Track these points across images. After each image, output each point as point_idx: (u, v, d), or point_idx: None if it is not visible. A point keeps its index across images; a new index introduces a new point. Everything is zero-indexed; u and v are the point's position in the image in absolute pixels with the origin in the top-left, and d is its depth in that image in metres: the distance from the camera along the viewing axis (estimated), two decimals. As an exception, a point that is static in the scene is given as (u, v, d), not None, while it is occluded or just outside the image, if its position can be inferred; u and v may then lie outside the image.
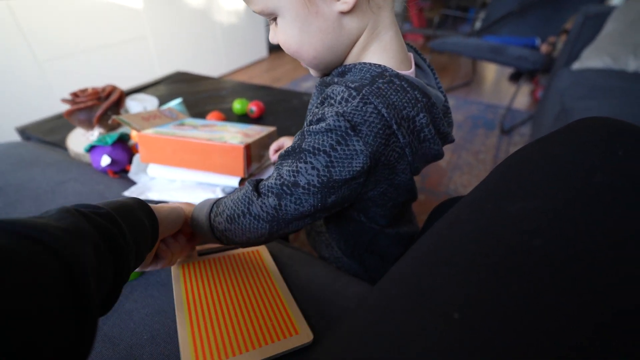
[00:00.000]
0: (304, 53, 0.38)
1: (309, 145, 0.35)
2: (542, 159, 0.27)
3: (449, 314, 0.19)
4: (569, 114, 1.16)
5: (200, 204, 0.45)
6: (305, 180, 0.35)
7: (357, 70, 0.37)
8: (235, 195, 0.41)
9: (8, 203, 0.60)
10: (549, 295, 0.19)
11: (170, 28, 2.22)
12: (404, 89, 0.35)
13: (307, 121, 0.39)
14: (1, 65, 1.46)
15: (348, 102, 0.34)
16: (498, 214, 0.25)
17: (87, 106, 0.86)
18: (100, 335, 0.40)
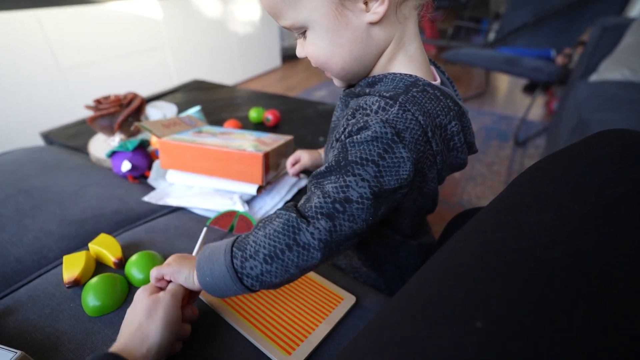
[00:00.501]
0: (333, 64, 0.38)
1: (355, 157, 0.33)
2: (558, 172, 0.28)
3: (472, 323, 0.19)
4: (587, 126, 1.14)
5: (205, 260, 0.36)
6: (357, 194, 0.32)
7: (388, 80, 0.38)
8: (269, 228, 0.34)
9: (34, 205, 0.62)
10: (569, 306, 0.19)
11: (187, 38, 2.28)
12: (437, 98, 0.36)
13: (339, 133, 0.38)
14: (27, 73, 1.52)
15: (386, 111, 0.35)
16: (517, 226, 0.25)
17: (110, 113, 0.88)
18: (122, 339, 0.40)
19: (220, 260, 0.34)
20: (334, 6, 0.34)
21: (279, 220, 0.34)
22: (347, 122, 0.38)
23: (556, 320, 0.18)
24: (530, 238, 0.23)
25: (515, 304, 0.20)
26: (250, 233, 0.35)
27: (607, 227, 0.22)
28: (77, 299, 0.45)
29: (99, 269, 0.50)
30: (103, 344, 0.40)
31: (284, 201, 0.70)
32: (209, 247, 0.37)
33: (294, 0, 0.35)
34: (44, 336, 0.40)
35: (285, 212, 0.34)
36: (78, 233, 0.59)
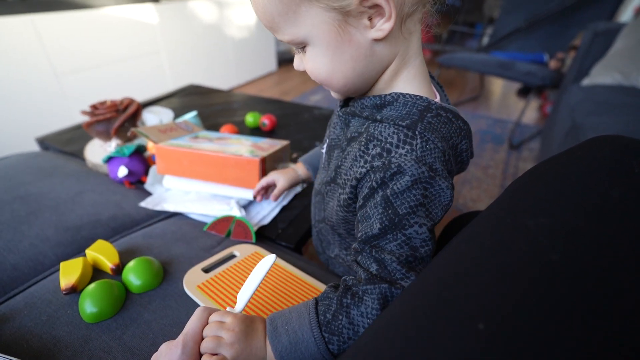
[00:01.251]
0: (335, 81, 0.37)
1: (405, 209, 0.33)
2: (555, 177, 0.28)
3: (474, 324, 0.20)
4: (580, 130, 1.16)
5: (290, 351, 0.33)
6: (420, 241, 0.34)
7: (399, 104, 0.36)
8: (363, 308, 0.33)
9: (30, 212, 0.62)
10: (569, 308, 0.19)
11: (183, 42, 2.29)
12: (450, 120, 0.36)
13: (358, 174, 0.37)
14: (22, 78, 1.51)
15: (410, 144, 0.34)
16: (516, 229, 0.26)
17: (106, 118, 0.88)
18: (120, 345, 0.40)
19: (311, 350, 0.33)
20: (337, 23, 0.32)
21: (370, 297, 0.33)
22: (364, 156, 0.36)
23: (556, 322, 0.19)
24: (529, 241, 0.23)
25: (516, 306, 0.20)
26: (338, 312, 0.34)
27: (605, 231, 0.22)
28: (74, 305, 0.45)
29: (96, 275, 0.50)
30: (100, 350, 0.40)
31: (281, 206, 0.71)
32: (286, 335, 0.34)
33: (293, 16, 0.33)
34: (41, 343, 0.40)
35: (372, 287, 0.33)
36: (74, 239, 0.59)
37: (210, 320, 0.35)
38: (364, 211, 0.36)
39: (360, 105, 0.39)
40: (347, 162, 0.39)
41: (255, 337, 0.34)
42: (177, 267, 0.52)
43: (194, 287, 0.48)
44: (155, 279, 0.49)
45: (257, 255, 0.55)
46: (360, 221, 0.37)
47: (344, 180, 0.40)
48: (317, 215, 0.51)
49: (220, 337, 0.33)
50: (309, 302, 0.36)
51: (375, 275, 0.34)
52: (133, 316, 0.44)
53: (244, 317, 0.35)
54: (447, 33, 3.32)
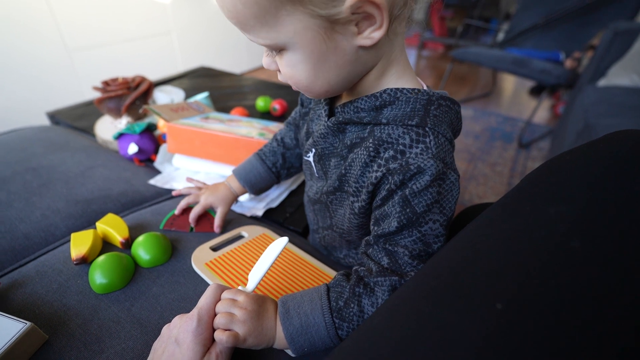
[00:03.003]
0: (316, 88, 0.34)
1: (422, 207, 0.33)
2: (577, 168, 0.28)
3: (491, 304, 0.20)
4: (593, 131, 1.14)
5: (300, 334, 0.34)
6: (433, 237, 0.34)
7: (401, 102, 0.35)
8: (374, 299, 0.34)
9: (41, 184, 0.62)
10: (588, 292, 0.19)
11: (194, 24, 2.27)
12: (450, 107, 0.36)
13: (373, 178, 0.36)
14: (34, 52, 1.51)
15: (423, 142, 0.33)
16: (536, 216, 0.25)
17: (117, 95, 0.88)
18: (129, 316, 0.41)
19: (321, 334, 0.34)
20: (322, 30, 0.29)
21: (381, 289, 0.34)
22: (376, 160, 0.36)
23: (576, 306, 0.19)
24: (549, 228, 0.23)
25: (535, 288, 0.20)
26: (350, 300, 0.34)
27: (627, 223, 0.22)
28: (84, 276, 0.46)
29: (105, 248, 0.51)
30: (110, 320, 0.40)
31: (289, 190, 0.71)
32: (297, 317, 0.35)
33: (271, 20, 0.29)
34: (52, 310, 0.41)
35: (383, 279, 0.34)
36: (85, 212, 0.59)
37: (223, 297, 0.35)
38: (382, 210, 0.36)
39: (354, 109, 0.37)
40: (355, 169, 0.38)
41: (266, 316, 0.35)
42: (185, 245, 0.52)
43: (202, 264, 0.48)
44: (164, 255, 0.49)
45: (265, 237, 0.55)
46: (379, 219, 0.36)
47: (357, 187, 0.38)
48: (322, 223, 0.50)
49: (233, 314, 0.33)
50: (320, 288, 0.37)
51: (386, 268, 0.35)
52: (142, 289, 0.45)
53: (256, 296, 0.36)
54: (462, 27, 3.25)
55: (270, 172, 0.57)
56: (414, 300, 0.25)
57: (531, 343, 0.18)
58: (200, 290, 0.45)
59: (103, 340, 0.38)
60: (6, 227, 0.53)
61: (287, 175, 0.60)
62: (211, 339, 0.33)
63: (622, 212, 0.23)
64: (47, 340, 0.38)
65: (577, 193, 0.26)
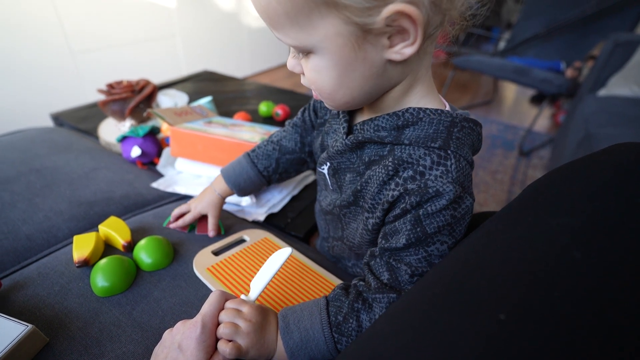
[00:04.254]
0: (338, 97, 0.34)
1: (433, 228, 0.33)
2: (579, 179, 0.28)
3: (494, 314, 0.20)
4: (593, 141, 1.15)
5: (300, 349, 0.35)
6: (439, 258, 0.34)
7: (424, 123, 0.34)
8: (372, 315, 0.34)
9: (45, 185, 0.62)
10: (590, 304, 0.20)
11: (199, 28, 2.28)
12: (472, 129, 0.36)
13: (389, 196, 0.35)
14: (39, 54, 1.52)
15: (444, 165, 0.33)
16: (538, 226, 0.26)
17: (122, 98, 0.89)
18: (130, 320, 0.41)
19: (321, 348, 0.35)
20: (354, 38, 0.28)
21: (379, 305, 0.34)
22: (395, 179, 0.35)
23: (578, 317, 0.19)
24: (551, 239, 0.24)
25: (537, 298, 0.20)
26: (349, 315, 0.35)
27: (628, 235, 0.22)
28: (86, 278, 0.46)
29: (107, 251, 0.51)
30: (111, 323, 0.40)
31: (291, 195, 0.71)
32: (297, 332, 0.35)
33: (303, 21, 0.28)
34: (53, 312, 0.41)
35: (381, 296, 0.34)
36: (87, 214, 0.59)
37: (227, 307, 0.35)
38: (392, 226, 0.35)
39: (374, 127, 0.36)
40: (372, 186, 0.38)
41: (268, 330, 0.35)
42: (187, 248, 0.53)
43: (204, 269, 0.48)
44: (165, 258, 0.49)
45: (267, 241, 0.55)
46: (387, 234, 0.36)
47: (372, 204, 0.38)
48: (333, 233, 0.50)
49: (237, 325, 0.34)
50: (320, 302, 0.37)
51: (385, 284, 0.35)
52: (143, 293, 0.45)
53: (259, 308, 0.36)
54: (463, 35, 3.28)
55: (261, 176, 0.55)
56: (417, 307, 0.25)
57: (532, 352, 0.18)
58: (202, 295, 0.45)
59: (103, 343, 0.38)
60: (9, 227, 0.53)
61: (278, 180, 0.58)
62: (214, 346, 0.33)
63: (623, 224, 0.23)
64: (48, 342, 0.38)
65: (579, 204, 0.26)
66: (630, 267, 0.21)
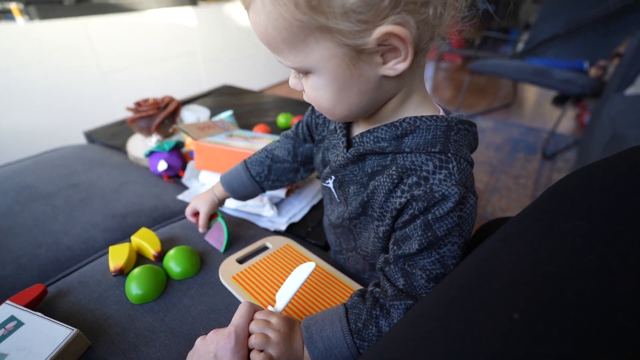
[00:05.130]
0: (337, 111, 0.36)
1: (443, 231, 0.34)
2: (595, 184, 0.28)
3: (509, 314, 0.21)
4: (622, 141, 1.11)
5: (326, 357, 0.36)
6: (451, 258, 0.36)
7: (422, 131, 0.36)
8: (390, 320, 0.36)
9: (81, 199, 0.67)
10: (603, 304, 0.20)
11: (218, 44, 2.37)
12: (468, 130, 0.37)
13: (396, 203, 0.37)
14: (73, 76, 1.63)
15: (447, 169, 0.35)
16: (553, 230, 0.26)
17: (148, 115, 0.94)
18: (162, 326, 0.43)
19: (345, 354, 0.36)
20: (348, 58, 0.30)
21: (397, 311, 0.36)
22: (400, 187, 0.36)
23: (590, 317, 0.20)
24: (565, 242, 0.24)
25: (551, 299, 0.21)
26: (368, 322, 0.36)
27: None
28: (121, 286, 0.49)
29: (139, 261, 0.54)
30: (145, 329, 0.43)
31: (310, 205, 0.73)
32: (321, 341, 0.36)
33: (300, 45, 0.30)
34: (93, 318, 0.44)
35: (398, 302, 0.36)
36: (120, 226, 0.63)
37: (256, 318, 0.37)
38: (403, 232, 0.37)
39: (373, 139, 0.38)
40: (379, 196, 0.39)
41: (295, 339, 0.37)
42: (213, 257, 0.55)
43: (229, 277, 0.50)
44: (194, 267, 0.52)
45: (289, 247, 0.57)
46: (399, 240, 0.37)
47: (381, 213, 0.39)
48: (345, 244, 0.51)
49: (267, 336, 0.35)
50: (339, 310, 0.38)
51: (401, 290, 0.36)
52: (173, 301, 0.47)
53: (287, 319, 0.38)
54: (479, 39, 3.24)
55: (254, 181, 0.57)
56: (433, 311, 0.26)
57: (546, 352, 0.18)
58: (228, 302, 0.47)
59: (140, 348, 0.41)
60: (52, 239, 0.58)
61: (272, 187, 0.60)
62: (247, 356, 0.35)
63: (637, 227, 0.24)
64: (90, 346, 0.40)
65: (593, 208, 0.26)
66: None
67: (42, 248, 0.56)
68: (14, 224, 0.60)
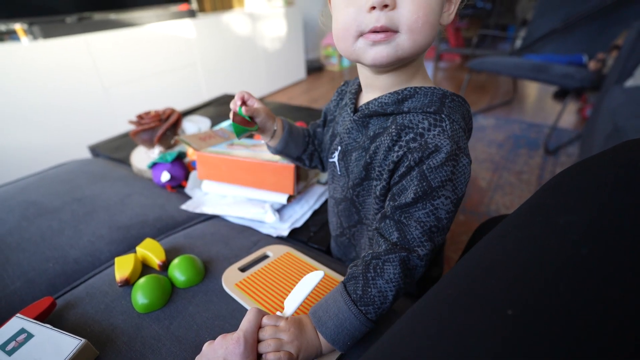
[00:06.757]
0: (422, 35, 0.36)
1: (437, 182, 0.36)
2: (588, 178, 0.29)
3: (502, 310, 0.21)
4: (622, 133, 1.10)
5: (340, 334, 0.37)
6: (445, 212, 0.38)
7: (420, 95, 0.40)
8: (387, 275, 0.37)
9: (86, 212, 0.68)
10: (596, 298, 0.20)
11: (217, 54, 2.40)
12: (461, 104, 0.40)
13: (393, 157, 0.39)
14: (76, 92, 1.66)
15: (441, 127, 0.37)
16: (547, 226, 0.27)
17: (150, 127, 0.95)
18: (168, 334, 0.44)
19: (355, 325, 0.37)
20: None
21: (392, 264, 0.37)
22: (398, 142, 0.39)
23: (583, 310, 0.20)
24: (558, 237, 0.25)
25: (544, 294, 0.21)
26: (366, 285, 0.38)
27: (635, 229, 0.23)
28: (127, 296, 0.50)
29: (144, 271, 0.55)
30: (151, 337, 0.44)
31: (312, 210, 0.73)
32: (330, 320, 0.38)
33: None
34: (101, 328, 0.45)
35: (393, 256, 0.37)
36: (125, 237, 0.64)
37: (264, 324, 0.38)
38: (400, 185, 0.39)
39: (379, 104, 0.42)
40: (379, 155, 0.42)
41: (307, 330, 0.39)
42: (216, 265, 0.56)
43: (232, 285, 0.51)
44: (198, 276, 0.53)
45: (289, 255, 0.58)
46: (395, 193, 0.40)
47: (379, 171, 0.42)
48: (346, 222, 0.53)
49: (280, 339, 0.37)
50: (338, 287, 0.40)
51: (395, 243, 0.38)
52: (179, 309, 0.48)
53: (293, 318, 0.40)
54: (477, 37, 3.25)
55: (305, 137, 0.60)
56: (433, 307, 0.27)
57: (540, 349, 0.19)
58: (232, 309, 0.48)
59: (146, 356, 0.42)
60: (59, 253, 0.59)
61: (310, 158, 0.60)
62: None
63: (631, 220, 0.24)
64: (98, 356, 0.41)
65: (587, 202, 0.26)
66: (636, 263, 0.22)
67: (50, 262, 0.57)
68: (22, 240, 0.61)
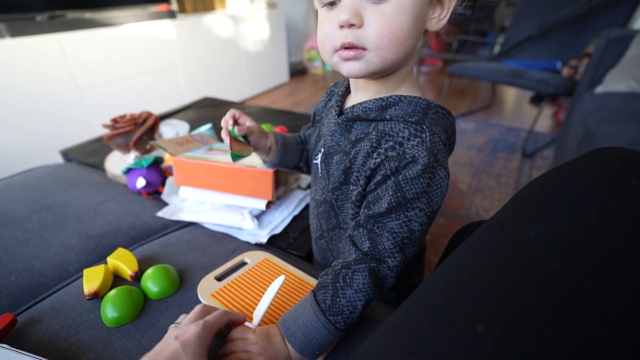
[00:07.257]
0: (395, 49, 0.35)
1: (412, 193, 0.36)
2: (557, 188, 0.29)
3: (473, 327, 0.21)
4: (593, 138, 1.15)
5: (308, 343, 0.37)
6: (418, 224, 0.37)
7: (404, 104, 0.39)
8: (356, 285, 0.37)
9: (56, 221, 0.65)
10: (566, 312, 0.21)
11: (198, 56, 2.36)
12: (445, 116, 0.40)
13: (371, 164, 0.39)
14: (49, 93, 1.59)
15: (421, 137, 0.37)
16: (517, 238, 0.27)
17: (125, 131, 0.92)
18: (139, 348, 0.42)
19: (323, 334, 0.38)
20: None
21: (361, 274, 0.38)
22: (377, 150, 0.39)
23: (554, 325, 0.20)
24: (529, 250, 0.25)
25: (515, 310, 0.22)
26: (335, 295, 0.38)
27: (603, 240, 0.23)
28: (97, 310, 0.47)
29: (116, 282, 0.53)
30: (121, 353, 0.42)
31: (292, 216, 0.73)
32: (298, 330, 0.38)
33: None
34: (66, 345, 0.43)
35: (363, 265, 0.38)
36: (96, 247, 0.62)
37: (233, 338, 0.38)
38: (375, 193, 0.39)
39: (363, 108, 0.41)
40: (358, 160, 0.42)
41: (276, 341, 0.39)
42: (193, 275, 0.54)
43: (208, 295, 0.50)
44: (172, 286, 0.51)
45: (267, 262, 0.57)
46: (370, 202, 0.40)
47: (357, 177, 0.42)
48: (325, 225, 0.53)
49: (249, 352, 0.37)
50: (308, 296, 0.40)
51: (365, 253, 0.38)
52: (151, 321, 0.46)
53: (262, 329, 0.39)
54: (457, 42, 3.32)
55: (299, 145, 0.58)
56: (406, 326, 0.26)
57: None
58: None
59: (114, 374, 0.40)
60: (23, 265, 0.56)
61: (307, 164, 0.59)
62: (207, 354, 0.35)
63: (596, 230, 0.24)
64: (62, 376, 0.39)
65: (556, 214, 0.27)
66: (604, 272, 0.22)
67: (12, 275, 0.54)
68: (-17, 252, 0.58)
